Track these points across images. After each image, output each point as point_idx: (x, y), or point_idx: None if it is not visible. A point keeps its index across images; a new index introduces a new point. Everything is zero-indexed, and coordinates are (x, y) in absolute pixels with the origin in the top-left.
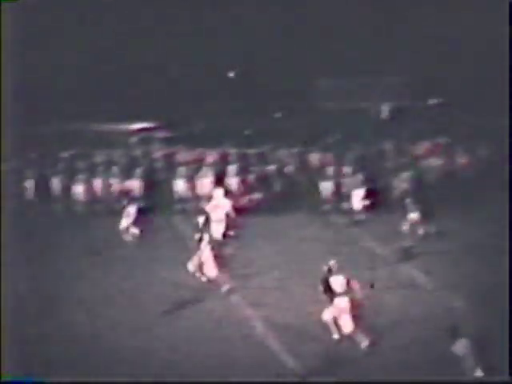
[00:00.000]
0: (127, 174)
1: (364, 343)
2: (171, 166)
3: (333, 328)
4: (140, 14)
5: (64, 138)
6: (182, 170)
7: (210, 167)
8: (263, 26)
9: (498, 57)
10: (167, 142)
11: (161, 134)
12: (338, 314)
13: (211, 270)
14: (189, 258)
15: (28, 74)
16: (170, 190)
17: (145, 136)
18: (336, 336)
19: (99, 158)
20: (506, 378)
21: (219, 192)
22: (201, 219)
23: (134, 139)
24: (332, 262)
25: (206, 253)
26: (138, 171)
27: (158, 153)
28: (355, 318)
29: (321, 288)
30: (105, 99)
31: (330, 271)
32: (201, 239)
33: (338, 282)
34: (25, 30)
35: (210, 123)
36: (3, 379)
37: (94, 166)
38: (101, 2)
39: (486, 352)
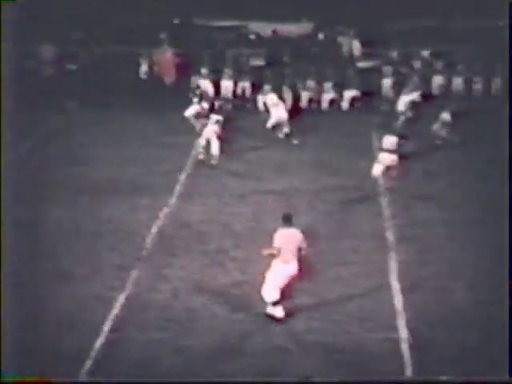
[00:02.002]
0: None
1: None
2: None
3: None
4: None
5: (423, 35)
6: None
7: None
8: None
9: None
10: None
11: None
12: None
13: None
14: None
15: None
16: None
17: None
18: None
19: (459, 55)
20: (506, 378)
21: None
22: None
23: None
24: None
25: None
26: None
27: None
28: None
29: None
30: None
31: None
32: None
33: (388, 141)
34: None
35: None
36: (3, 379)
37: (453, 64)
38: None
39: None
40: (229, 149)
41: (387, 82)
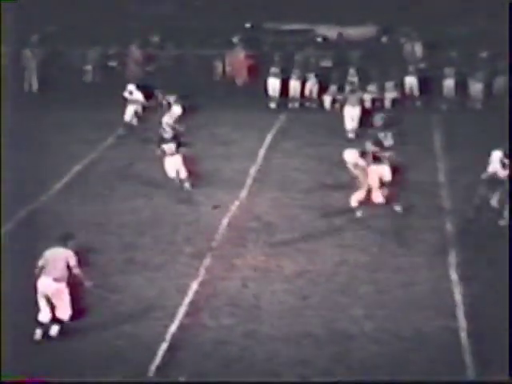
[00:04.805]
0: None
1: None
2: None
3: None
4: None
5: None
6: None
7: None
8: None
9: None
10: None
11: None
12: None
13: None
14: None
15: None
16: None
17: None
18: None
19: None
20: (506, 378)
21: None
22: None
23: None
24: None
25: None
26: None
27: None
28: None
29: None
30: None
31: None
32: None
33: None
34: None
35: None
36: (3, 379)
37: None
38: None
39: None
40: (296, 146)
41: (449, 83)
